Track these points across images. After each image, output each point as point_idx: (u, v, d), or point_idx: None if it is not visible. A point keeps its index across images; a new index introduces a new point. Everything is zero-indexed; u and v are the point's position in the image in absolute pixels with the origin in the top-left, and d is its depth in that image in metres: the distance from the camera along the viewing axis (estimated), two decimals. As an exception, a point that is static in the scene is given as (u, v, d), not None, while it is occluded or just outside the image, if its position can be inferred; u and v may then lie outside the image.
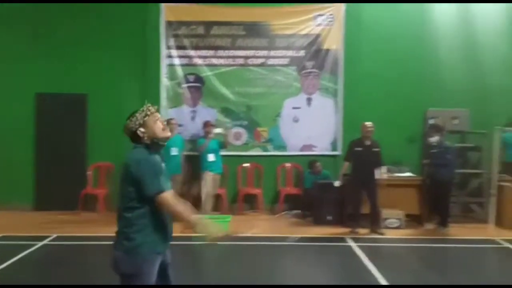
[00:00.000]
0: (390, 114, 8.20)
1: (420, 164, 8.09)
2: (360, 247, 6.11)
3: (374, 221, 6.96)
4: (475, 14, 8.44)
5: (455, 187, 7.40)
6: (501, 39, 8.46)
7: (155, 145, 2.75)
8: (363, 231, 6.90)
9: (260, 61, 8.54)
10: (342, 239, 6.54)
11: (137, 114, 2.75)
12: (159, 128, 2.76)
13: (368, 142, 6.99)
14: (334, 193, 7.37)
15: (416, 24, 8.43)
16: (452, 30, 8.45)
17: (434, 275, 5.19)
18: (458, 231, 7.05)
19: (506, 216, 7.19)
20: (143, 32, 8.41)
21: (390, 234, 6.88)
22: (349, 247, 6.16)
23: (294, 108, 8.56)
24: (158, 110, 2.88)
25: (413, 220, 7.45)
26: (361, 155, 6.93)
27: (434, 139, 7.07)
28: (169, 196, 2.64)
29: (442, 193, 6.96)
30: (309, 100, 8.57)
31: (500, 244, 6.42)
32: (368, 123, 7.01)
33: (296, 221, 7.72)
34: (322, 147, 8.55)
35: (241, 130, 8.54)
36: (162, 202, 2.62)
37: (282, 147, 8.56)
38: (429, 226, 7.10)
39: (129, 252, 2.65)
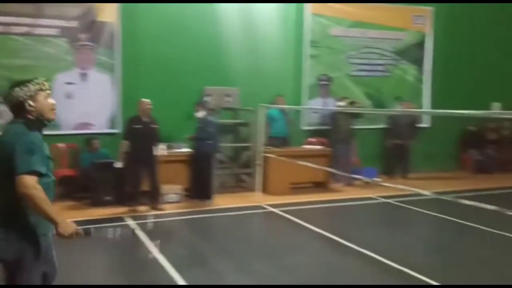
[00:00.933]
0: (169, 92, 8.33)
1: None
2: (139, 225, 6.11)
3: (154, 198, 7.04)
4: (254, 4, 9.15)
5: (218, 159, 8.01)
6: (275, 28, 9.38)
7: (39, 123, 2.49)
8: (143, 209, 6.92)
9: (24, 29, 7.61)
10: (121, 219, 6.44)
11: (29, 85, 2.47)
12: (49, 106, 2.52)
13: (146, 119, 6.98)
14: (113, 172, 7.16)
15: (197, 6, 8.68)
16: (233, 15, 8.96)
17: (208, 243, 5.57)
18: (230, 200, 7.68)
19: (270, 184, 8.15)
20: None
21: (169, 209, 7.07)
22: (128, 226, 6.10)
23: (67, 83, 7.93)
24: None
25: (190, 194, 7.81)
26: (139, 133, 6.88)
27: (200, 114, 7.52)
28: (36, 182, 2.31)
29: (204, 166, 7.45)
30: (84, 75, 8.05)
31: (265, 208, 7.25)
32: (146, 100, 7.00)
33: (73, 204, 7.26)
34: (100, 125, 8.17)
35: (1, 107, 7.51)
36: (27, 184, 2.27)
37: (54, 125, 7.86)
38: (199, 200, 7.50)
39: (8, 236, 2.40)
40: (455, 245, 5.64)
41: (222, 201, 7.56)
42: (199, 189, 7.55)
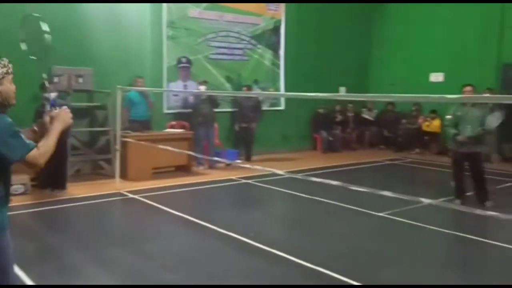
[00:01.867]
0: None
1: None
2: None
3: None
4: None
5: (72, 145, 7.59)
6: (132, 6, 8.96)
7: (3, 108, 2.32)
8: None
9: None
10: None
11: None
12: (13, 90, 2.37)
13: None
14: None
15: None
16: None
17: (61, 236, 5.17)
18: (87, 189, 7.23)
19: (130, 169, 7.85)
20: None
21: (14, 201, 6.35)
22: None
23: None
24: None
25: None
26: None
27: (49, 96, 6.87)
28: (36, 151, 2.29)
29: (56, 152, 6.81)
30: None
31: (125, 195, 6.96)
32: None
33: None
34: None
35: None
36: (35, 160, 2.28)
37: None
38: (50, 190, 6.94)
39: None
40: (307, 219, 6.07)
41: (77, 190, 7.08)
42: (50, 178, 6.94)
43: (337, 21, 12.20)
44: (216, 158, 7.72)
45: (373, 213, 6.07)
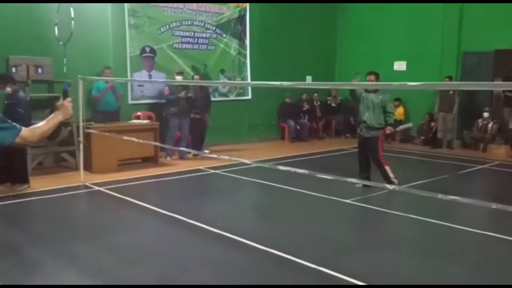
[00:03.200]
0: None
1: None
2: None
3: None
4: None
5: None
6: None
7: None
8: None
9: None
10: None
11: None
12: None
13: None
14: None
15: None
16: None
17: (20, 231, 5.00)
18: (50, 182, 7.02)
19: (95, 161, 7.67)
20: None
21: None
22: None
23: None
24: None
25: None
26: None
27: (8, 89, 6.60)
28: (26, 132, 2.41)
29: (15, 149, 6.59)
30: None
31: (91, 188, 6.80)
32: None
33: None
34: None
35: None
36: (28, 138, 2.41)
37: None
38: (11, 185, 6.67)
39: None
40: (275, 207, 6.11)
41: (39, 184, 6.85)
42: (11, 172, 6.68)
43: (302, 10, 12.21)
44: (182, 149, 7.63)
45: (341, 200, 6.15)
